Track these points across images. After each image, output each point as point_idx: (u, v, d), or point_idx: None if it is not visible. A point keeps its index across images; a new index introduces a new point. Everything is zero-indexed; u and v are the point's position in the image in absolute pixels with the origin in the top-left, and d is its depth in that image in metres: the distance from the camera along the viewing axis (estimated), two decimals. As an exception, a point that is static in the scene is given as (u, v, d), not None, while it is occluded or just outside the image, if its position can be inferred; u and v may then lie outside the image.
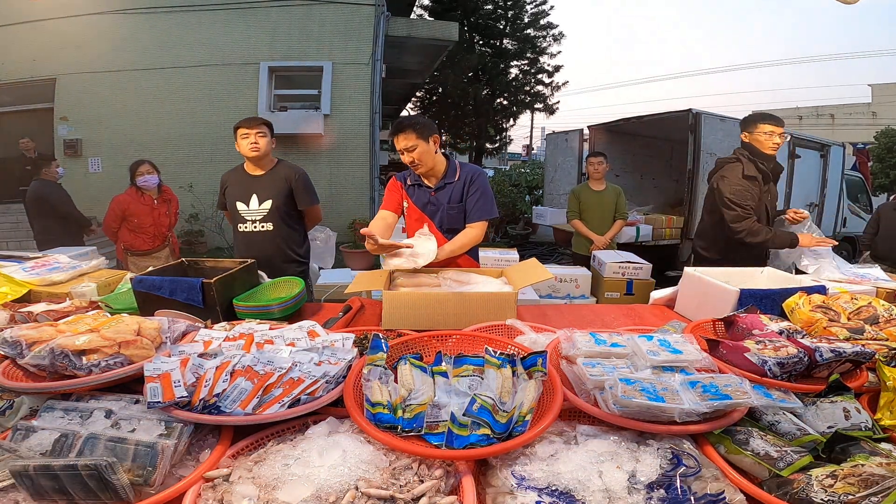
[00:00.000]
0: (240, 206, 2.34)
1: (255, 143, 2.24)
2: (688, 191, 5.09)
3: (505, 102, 18.65)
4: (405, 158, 1.94)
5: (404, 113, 17.82)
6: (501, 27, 17.77)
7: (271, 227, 2.34)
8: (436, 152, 1.98)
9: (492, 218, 2.05)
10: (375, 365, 1.02)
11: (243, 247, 2.36)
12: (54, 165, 4.00)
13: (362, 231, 1.69)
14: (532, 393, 0.92)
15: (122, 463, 0.76)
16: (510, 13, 17.74)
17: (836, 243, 2.17)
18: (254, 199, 2.32)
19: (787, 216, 2.34)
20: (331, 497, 0.70)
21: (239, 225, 2.37)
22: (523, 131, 52.76)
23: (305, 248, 2.52)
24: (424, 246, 1.78)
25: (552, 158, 7.45)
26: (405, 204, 2.10)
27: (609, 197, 3.99)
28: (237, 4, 7.74)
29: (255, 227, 2.34)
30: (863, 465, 0.75)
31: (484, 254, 3.27)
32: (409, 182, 2.09)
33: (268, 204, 2.32)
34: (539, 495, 0.73)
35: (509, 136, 20.65)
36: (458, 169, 2.04)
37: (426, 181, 2.05)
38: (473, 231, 1.99)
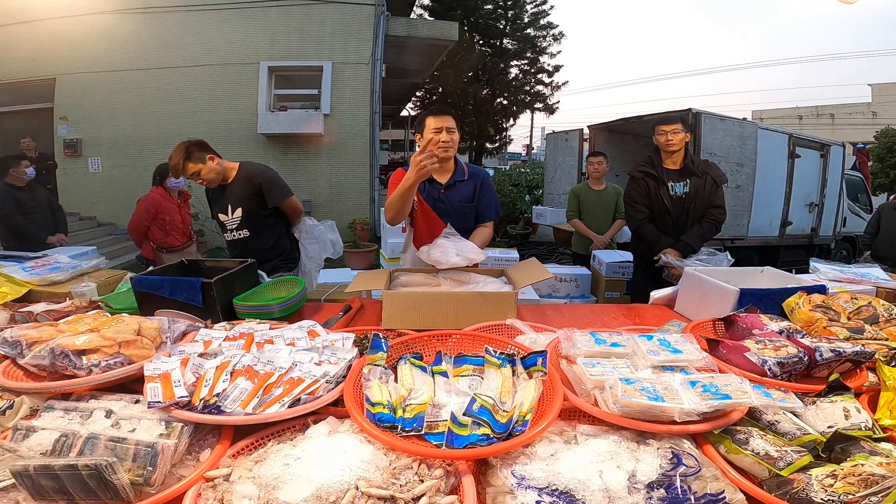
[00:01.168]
0: (222, 216, 2.36)
1: (199, 179, 2.23)
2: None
3: (505, 102, 18.66)
4: (441, 137, 1.90)
5: (404, 113, 17.82)
6: (501, 27, 17.78)
7: (248, 234, 2.33)
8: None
9: (497, 217, 2.14)
10: (375, 364, 1.02)
11: (231, 255, 2.36)
12: (23, 166, 3.62)
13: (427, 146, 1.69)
14: (532, 392, 0.92)
15: (122, 463, 0.75)
16: (510, 13, 17.74)
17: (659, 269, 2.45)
18: (229, 208, 2.33)
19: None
20: (331, 497, 0.70)
21: (224, 234, 2.39)
22: (523, 131, 52.88)
23: (290, 245, 2.49)
24: (465, 243, 1.77)
25: (552, 158, 7.45)
26: (414, 198, 2.09)
27: (609, 196, 3.99)
28: (237, 4, 7.73)
29: (234, 235, 2.34)
30: (863, 465, 0.75)
31: (483, 253, 3.27)
32: None
33: (238, 212, 2.31)
34: (539, 495, 0.73)
35: (509, 135, 20.68)
36: (466, 168, 2.09)
37: (436, 176, 2.06)
38: (488, 230, 2.08)
